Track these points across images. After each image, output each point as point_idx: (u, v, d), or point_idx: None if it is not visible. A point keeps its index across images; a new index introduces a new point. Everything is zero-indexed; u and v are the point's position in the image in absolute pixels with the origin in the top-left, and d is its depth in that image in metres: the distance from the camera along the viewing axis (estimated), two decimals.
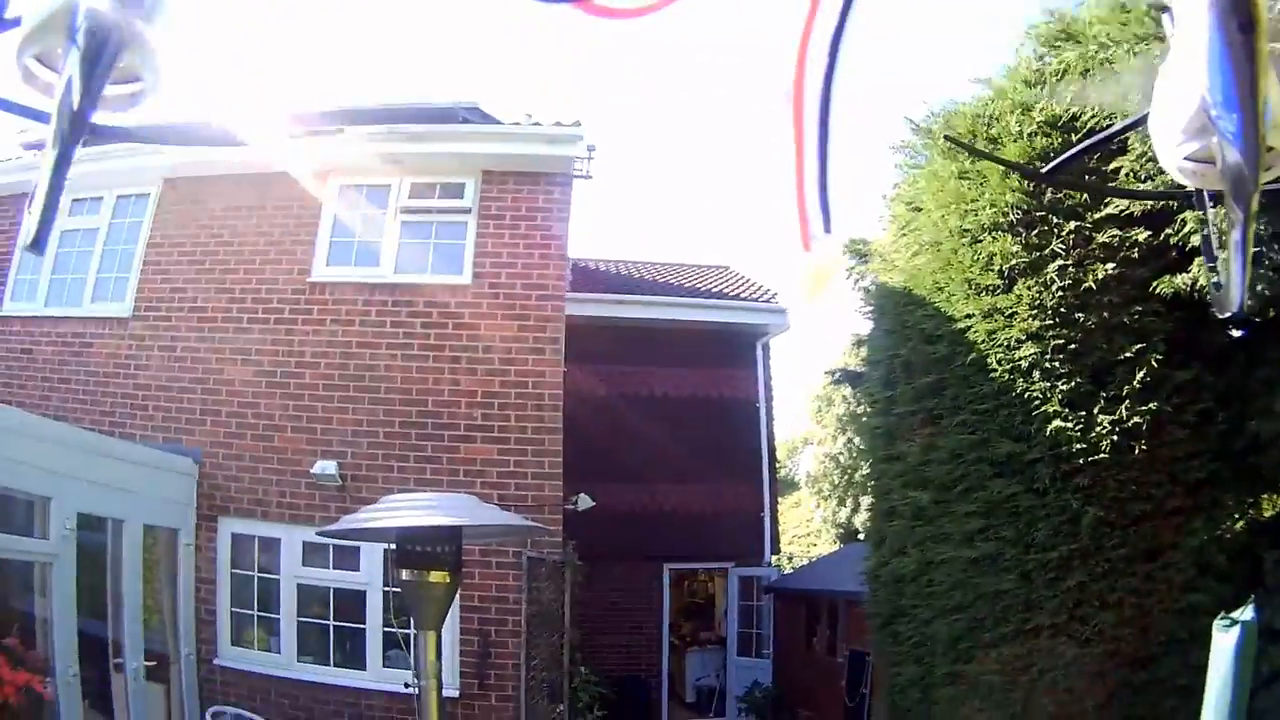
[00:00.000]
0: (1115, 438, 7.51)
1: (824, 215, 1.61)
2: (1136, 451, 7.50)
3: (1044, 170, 4.43)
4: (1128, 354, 7.56)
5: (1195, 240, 7.04)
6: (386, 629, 10.35)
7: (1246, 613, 5.76)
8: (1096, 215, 7.80)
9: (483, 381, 10.56)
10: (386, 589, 10.23)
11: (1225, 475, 7.65)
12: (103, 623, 9.02)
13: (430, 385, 10.57)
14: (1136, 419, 7.45)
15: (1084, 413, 7.65)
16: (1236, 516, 7.42)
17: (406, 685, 9.01)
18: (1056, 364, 7.84)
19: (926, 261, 8.87)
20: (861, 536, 11.40)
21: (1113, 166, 7.51)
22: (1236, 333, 6.21)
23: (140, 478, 9.97)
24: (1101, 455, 7.56)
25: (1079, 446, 7.64)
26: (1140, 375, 7.50)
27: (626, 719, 14.52)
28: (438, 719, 6.17)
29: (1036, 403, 7.87)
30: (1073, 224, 7.86)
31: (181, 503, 10.62)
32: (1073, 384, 7.73)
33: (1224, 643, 5.80)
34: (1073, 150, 4.83)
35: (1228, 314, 2.18)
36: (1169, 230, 7.20)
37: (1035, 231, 8.04)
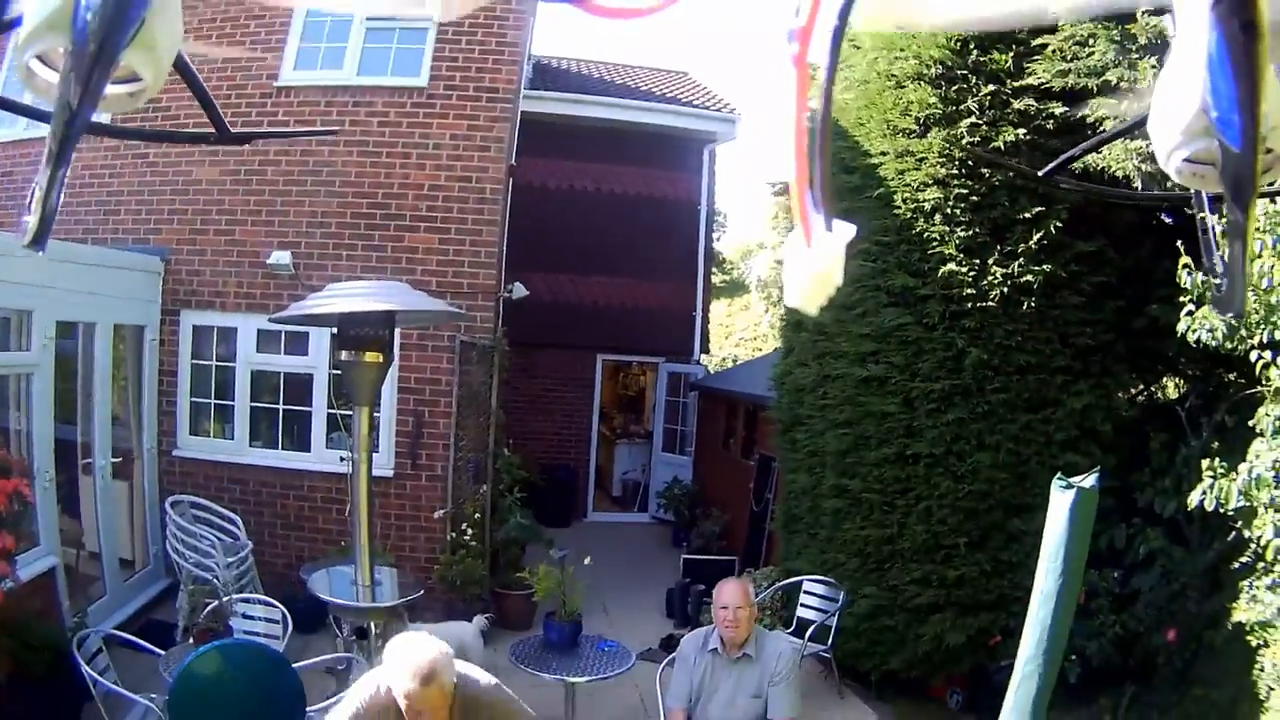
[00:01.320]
0: (1005, 289, 8.06)
1: (824, 215, 1.56)
2: (1025, 306, 8.06)
3: (1043, 172, 4.15)
4: (1027, 214, 8.06)
5: (1109, 124, 7.29)
6: (330, 411, 10.92)
7: (1088, 480, 5.92)
8: (1016, 84, 8.18)
9: (430, 176, 10.93)
10: (332, 372, 10.71)
11: (1119, 349, 8.24)
12: (72, 426, 9.39)
13: (381, 179, 10.93)
14: (1029, 276, 8.00)
15: (978, 261, 8.16)
16: (1130, 392, 8.04)
17: (341, 459, 9.63)
18: (957, 212, 8.29)
19: (854, 98, 9.20)
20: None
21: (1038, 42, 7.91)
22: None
23: (111, 281, 10.30)
24: (990, 303, 8.11)
25: (969, 291, 8.17)
26: (1038, 237, 8.01)
27: (554, 506, 15.20)
28: (366, 489, 6.86)
29: (934, 244, 8.35)
30: (991, 86, 8.24)
31: (148, 300, 11.01)
32: (971, 232, 8.22)
33: (1059, 503, 5.96)
34: (1073, 151, 4.55)
35: (1229, 314, 2.16)
36: (1087, 111, 7.48)
37: (955, 87, 8.40)
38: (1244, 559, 6.95)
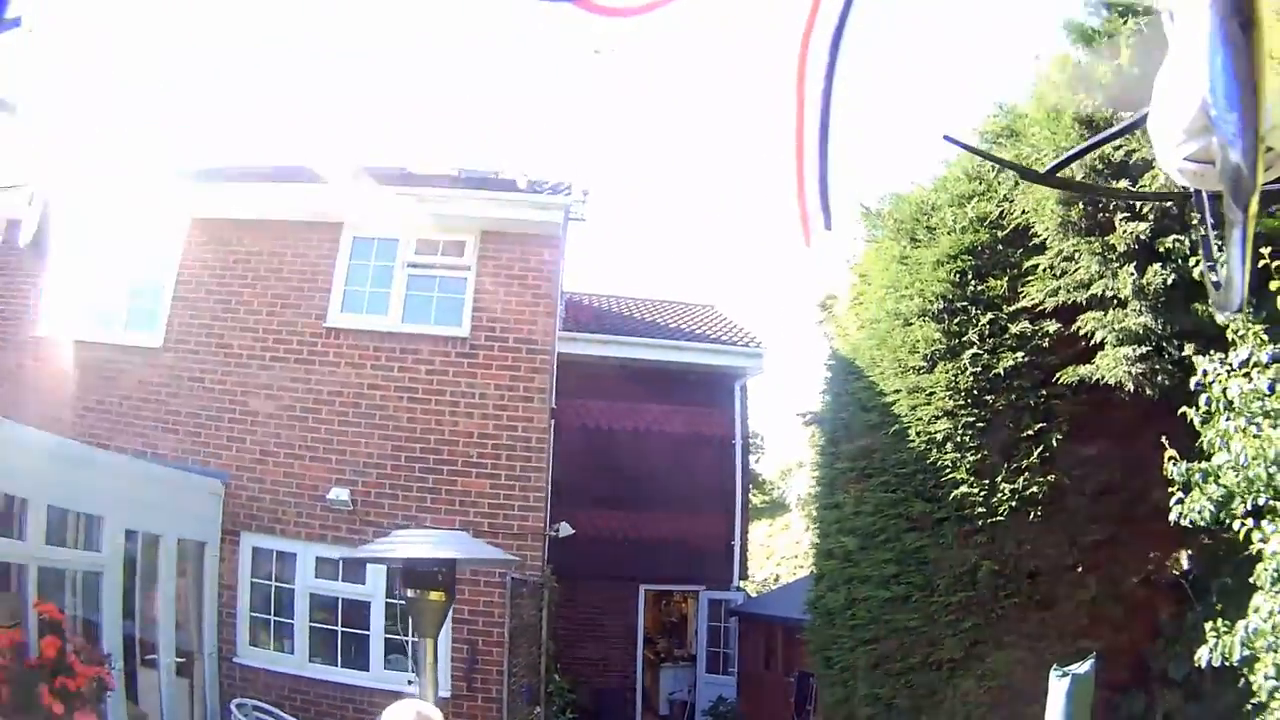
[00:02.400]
0: (1014, 504, 8.70)
1: (825, 214, 1.64)
2: (1032, 516, 8.67)
3: (1043, 171, 4.58)
4: (1030, 432, 8.75)
5: (1100, 335, 8.11)
6: (388, 635, 11.57)
7: (1083, 667, 6.61)
8: (1011, 308, 8.99)
9: (478, 424, 11.79)
10: (388, 600, 11.46)
11: (1125, 538, 8.66)
12: (133, 623, 9.98)
13: (433, 425, 11.79)
14: (1034, 488, 8.63)
15: (988, 481, 8.85)
16: (1140, 573, 8.45)
17: (409, 683, 10.34)
18: (967, 438, 9.04)
19: (866, 337, 10.16)
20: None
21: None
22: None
23: (176, 498, 11.11)
24: (999, 518, 8.77)
25: (980, 510, 8.86)
26: (1039, 451, 8.67)
27: None
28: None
29: (947, 470, 9.10)
30: (990, 315, 9.08)
31: (210, 519, 11.60)
32: (979, 456, 8.95)
33: (1057, 689, 6.62)
34: (1075, 150, 5.13)
35: (1228, 312, 2.30)
36: (1077, 324, 8.29)
37: (956, 320, 9.25)
38: (1251, 704, 7.12)
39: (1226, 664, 6.59)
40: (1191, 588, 8.36)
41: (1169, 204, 7.72)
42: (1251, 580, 6.69)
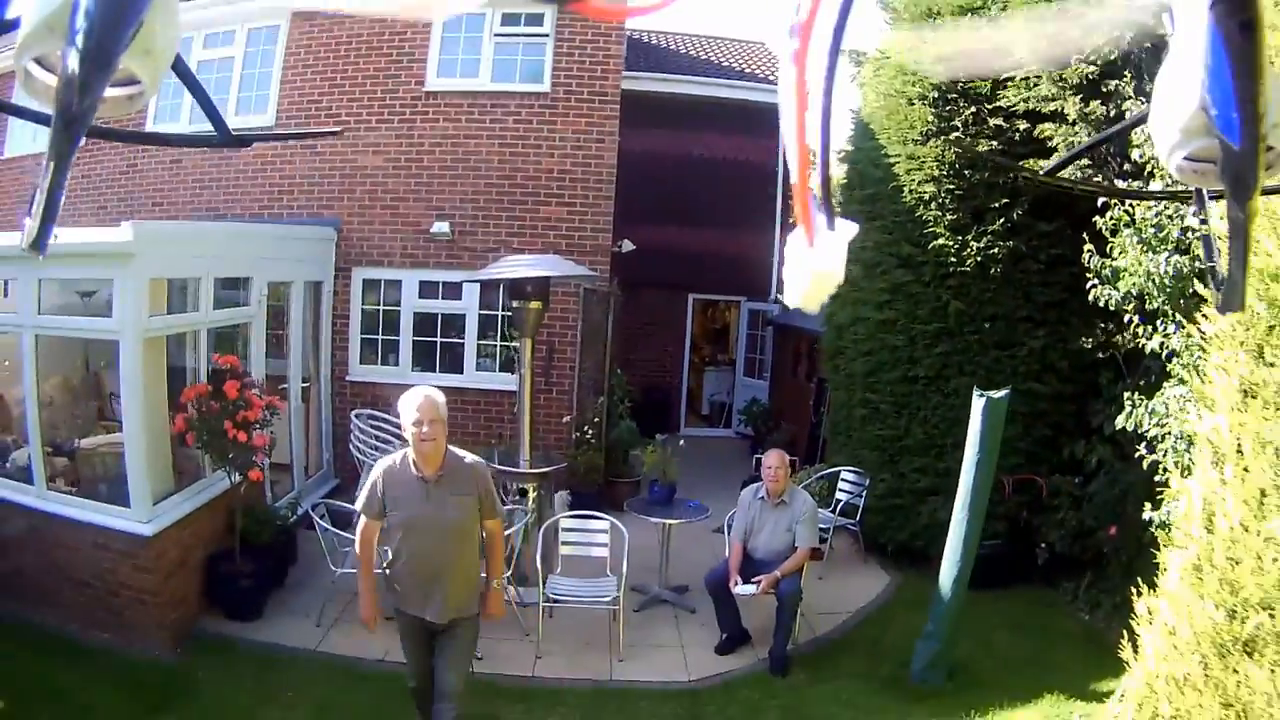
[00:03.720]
0: (979, 259, 10.48)
1: (826, 214, 1.55)
2: (993, 271, 10.44)
3: (1044, 171, 4.72)
4: (997, 205, 10.48)
5: (1055, 142, 9.43)
6: (479, 342, 13.85)
7: (999, 394, 7.75)
8: (990, 106, 10.47)
9: (558, 163, 13.69)
10: (480, 312, 13.72)
11: (1074, 305, 9.96)
12: (268, 359, 11.33)
13: (519, 165, 13.68)
14: (996, 250, 10.41)
15: (960, 237, 10.63)
16: (1089, 340, 9.51)
17: (512, 373, 12.72)
18: (946, 201, 10.77)
19: (880, 107, 11.66)
20: None
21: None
22: None
23: (300, 248, 12.83)
24: (966, 269, 10.57)
25: (953, 260, 10.67)
26: (1001, 221, 10.40)
27: (653, 421, 17.36)
28: (530, 394, 9.90)
29: (929, 225, 10.88)
30: (973, 107, 10.64)
31: (326, 261, 13.64)
32: (956, 217, 10.71)
33: (975, 407, 7.81)
34: (1074, 152, 5.31)
35: (1232, 311, 2.22)
36: (1040, 129, 9.73)
37: (947, 107, 10.84)
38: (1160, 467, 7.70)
39: (1138, 430, 7.78)
40: (1125, 360, 9.56)
41: (1113, 57, 8.96)
42: (1167, 369, 7.80)
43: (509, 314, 12.30)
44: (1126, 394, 8.13)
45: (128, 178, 14.65)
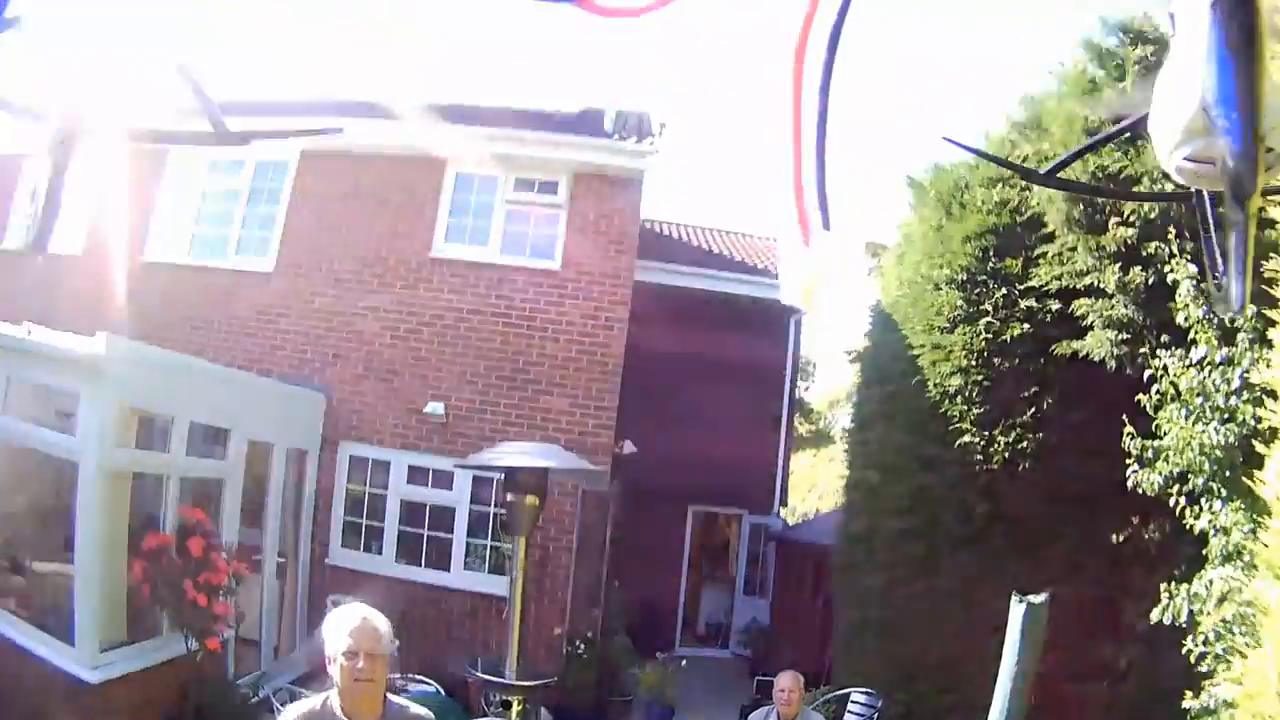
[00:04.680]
0: (1008, 455, 9.78)
1: (823, 213, 1.60)
2: (1021, 468, 9.73)
3: (1044, 171, 4.63)
4: (1027, 394, 9.82)
5: (1091, 319, 8.97)
6: (469, 539, 12.89)
7: (1040, 598, 7.17)
8: (1022, 286, 9.98)
9: (562, 348, 13.05)
10: (472, 507, 12.81)
11: (1105, 499, 9.22)
12: (245, 528, 10.94)
13: (523, 348, 13.05)
14: (1024, 444, 9.72)
15: (988, 433, 9.94)
16: (1120, 534, 9.02)
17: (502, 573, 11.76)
18: (974, 394, 10.13)
19: (903, 295, 11.23)
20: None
21: None
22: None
23: (288, 409, 12.34)
24: (994, 466, 9.85)
25: (979, 457, 9.96)
26: (1031, 411, 9.73)
27: (646, 638, 16.32)
28: (521, 597, 8.76)
29: (955, 420, 10.21)
30: (1004, 289, 10.12)
31: (313, 429, 12.95)
32: (983, 410, 10.04)
33: (1015, 615, 7.21)
34: (1073, 151, 5.36)
35: (1229, 312, 2.35)
36: (1074, 306, 9.21)
37: (976, 290, 10.30)
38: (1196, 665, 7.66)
39: (1176, 622, 7.19)
40: (1159, 552, 8.96)
41: (1153, 216, 8.50)
42: (1205, 552, 7.27)
43: (501, 510, 11.35)
44: (1162, 585, 7.49)
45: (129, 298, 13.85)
